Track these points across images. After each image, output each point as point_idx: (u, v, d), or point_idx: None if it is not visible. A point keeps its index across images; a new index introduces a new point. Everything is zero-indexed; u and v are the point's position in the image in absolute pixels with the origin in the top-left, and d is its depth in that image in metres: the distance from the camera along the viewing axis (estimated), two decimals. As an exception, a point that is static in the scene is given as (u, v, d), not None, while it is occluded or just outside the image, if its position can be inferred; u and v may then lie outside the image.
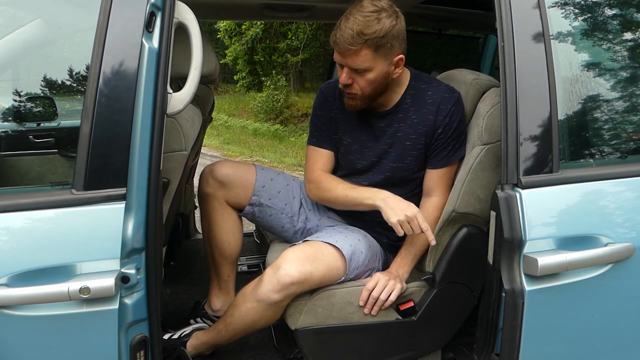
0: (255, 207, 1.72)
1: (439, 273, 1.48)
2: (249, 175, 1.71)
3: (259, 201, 1.71)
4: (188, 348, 1.59)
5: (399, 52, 1.43)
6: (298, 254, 1.43)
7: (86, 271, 1.06)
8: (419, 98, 1.54)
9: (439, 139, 1.52)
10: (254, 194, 1.70)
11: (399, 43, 1.42)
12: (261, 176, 1.72)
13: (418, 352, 1.56)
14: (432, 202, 1.55)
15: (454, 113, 1.50)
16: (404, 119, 1.55)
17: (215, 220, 1.73)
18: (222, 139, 10.88)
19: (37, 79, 1.44)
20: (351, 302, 1.48)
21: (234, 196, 1.71)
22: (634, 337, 1.37)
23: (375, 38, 1.36)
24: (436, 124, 1.51)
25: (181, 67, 1.33)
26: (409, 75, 1.58)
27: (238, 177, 1.70)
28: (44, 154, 1.59)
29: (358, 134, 1.61)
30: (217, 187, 1.70)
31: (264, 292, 1.40)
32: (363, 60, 1.39)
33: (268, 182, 1.73)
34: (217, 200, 1.71)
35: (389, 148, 1.57)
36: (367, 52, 1.38)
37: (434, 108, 1.51)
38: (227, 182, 1.70)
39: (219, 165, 1.73)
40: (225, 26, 13.38)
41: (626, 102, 1.44)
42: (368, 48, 1.37)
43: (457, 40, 3.14)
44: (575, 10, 1.38)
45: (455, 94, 1.53)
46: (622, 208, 1.30)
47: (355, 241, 1.53)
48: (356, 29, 1.35)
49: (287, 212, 1.74)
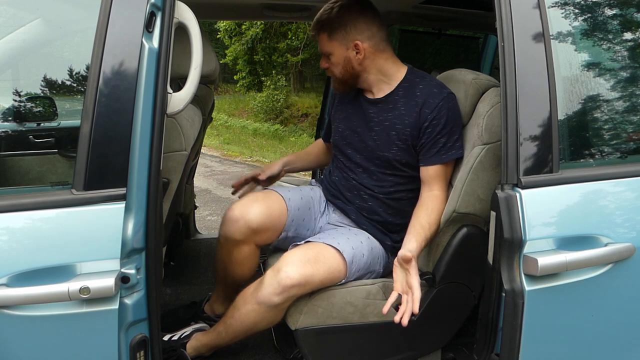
0: (280, 241, 1.68)
1: (439, 273, 1.48)
2: (282, 216, 1.64)
3: (286, 236, 1.67)
4: (188, 349, 1.58)
5: (356, 38, 1.54)
6: (299, 256, 1.43)
7: (86, 271, 1.06)
8: (410, 91, 1.57)
9: (427, 133, 1.52)
10: (283, 231, 1.66)
11: (356, 30, 1.55)
12: (291, 210, 1.66)
13: (418, 352, 1.56)
14: (434, 194, 1.53)
15: (442, 108, 1.50)
16: (392, 109, 1.59)
17: (240, 261, 1.66)
18: (222, 139, 10.87)
19: (37, 79, 1.44)
20: (351, 302, 1.48)
21: (265, 239, 1.65)
22: (634, 337, 1.36)
23: (327, 24, 1.56)
24: (422, 117, 1.52)
25: (181, 67, 1.33)
26: (405, 70, 1.62)
27: (272, 221, 1.63)
28: (44, 154, 1.59)
29: (350, 121, 1.68)
30: (250, 235, 1.60)
31: (265, 295, 1.40)
32: (323, 45, 1.60)
33: (296, 214, 1.67)
34: (247, 245, 1.63)
35: (374, 135, 1.60)
36: (324, 36, 1.58)
37: (421, 101, 1.53)
38: (262, 230, 1.61)
39: (252, 211, 1.60)
40: (225, 26, 13.36)
41: (626, 102, 1.44)
42: (324, 33, 1.58)
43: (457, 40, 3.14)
44: (575, 10, 1.38)
45: (445, 90, 1.54)
46: (622, 208, 1.30)
47: (357, 243, 1.53)
48: (315, 18, 1.60)
49: (305, 236, 1.69)
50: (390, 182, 1.61)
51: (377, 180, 1.62)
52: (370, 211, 1.64)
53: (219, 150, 9.44)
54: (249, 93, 14.31)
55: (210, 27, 14.31)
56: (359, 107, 1.66)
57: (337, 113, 1.75)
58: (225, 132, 11.98)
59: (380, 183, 1.62)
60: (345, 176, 1.69)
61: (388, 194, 1.62)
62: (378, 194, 1.62)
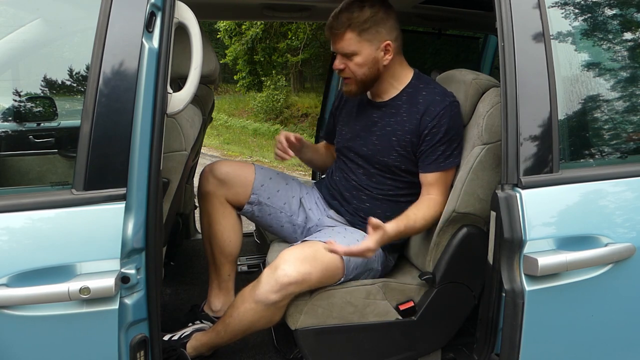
0: (254, 206, 1.74)
1: (439, 273, 1.48)
2: (248, 174, 1.74)
3: (257, 200, 1.73)
4: (188, 349, 1.58)
5: (387, 38, 1.51)
6: (296, 254, 1.43)
7: (86, 271, 1.06)
8: (413, 97, 1.57)
9: (426, 141, 1.52)
10: (252, 193, 1.73)
11: (386, 30, 1.51)
12: (260, 175, 1.75)
13: (418, 352, 1.56)
14: (430, 197, 1.54)
15: (443, 117, 1.50)
16: (395, 114, 1.59)
17: (216, 218, 1.75)
18: (222, 139, 10.87)
19: (37, 79, 1.44)
20: (351, 302, 1.48)
21: (233, 194, 1.73)
22: (634, 337, 1.37)
23: (358, 22, 1.48)
24: (422, 124, 1.52)
25: (181, 67, 1.33)
26: (411, 74, 1.62)
27: (237, 175, 1.73)
28: (44, 154, 1.59)
29: (354, 124, 1.68)
30: (216, 185, 1.72)
31: (262, 293, 1.40)
32: (349, 44, 1.51)
33: (267, 181, 1.75)
34: (217, 198, 1.73)
35: (376, 140, 1.61)
36: (352, 35, 1.49)
37: (423, 108, 1.53)
38: (226, 180, 1.72)
39: (219, 164, 1.76)
40: (225, 26, 13.36)
41: (626, 102, 1.44)
42: (352, 32, 1.49)
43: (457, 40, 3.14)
44: (575, 10, 1.38)
45: (448, 98, 1.53)
46: (622, 208, 1.30)
47: (354, 242, 1.53)
48: (340, 14, 1.50)
49: (285, 210, 1.75)
50: (389, 186, 1.63)
51: (376, 183, 1.63)
52: (367, 212, 1.63)
53: (219, 150, 9.44)
54: (249, 93, 14.31)
55: (210, 27, 14.30)
56: (363, 111, 1.67)
57: (342, 115, 1.76)
58: (225, 132, 11.98)
59: (379, 186, 1.63)
60: (345, 176, 1.70)
61: (387, 195, 1.63)
62: (377, 195, 1.63)
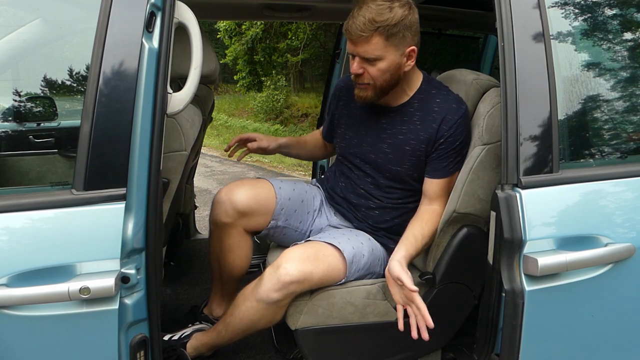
0: (271, 230, 1.67)
1: (439, 273, 1.48)
2: (269, 201, 1.64)
3: (276, 224, 1.66)
4: (188, 349, 1.58)
5: (412, 43, 1.43)
6: (299, 253, 1.43)
7: (86, 271, 1.06)
8: (426, 104, 1.52)
9: (440, 149, 1.49)
10: (272, 219, 1.65)
11: (412, 34, 1.42)
12: (280, 198, 1.65)
13: (418, 352, 1.56)
14: (432, 209, 1.52)
15: (460, 125, 1.47)
16: (407, 122, 1.53)
17: (230, 247, 1.67)
18: (222, 139, 10.87)
19: (37, 79, 1.44)
20: (351, 302, 1.48)
21: (254, 223, 1.65)
22: (634, 337, 1.36)
23: (387, 26, 1.36)
24: (439, 133, 1.48)
25: (181, 67, 1.33)
26: (421, 78, 1.56)
27: (259, 205, 1.63)
28: (44, 154, 1.59)
29: (359, 128, 1.62)
30: (237, 217, 1.62)
31: (264, 291, 1.40)
32: (374, 49, 1.39)
33: (286, 203, 1.66)
34: (235, 229, 1.64)
35: (387, 148, 1.56)
36: (379, 39, 1.38)
37: (440, 117, 1.48)
38: (249, 213, 1.62)
39: (237, 192, 1.62)
40: (225, 26, 13.36)
41: (626, 102, 1.44)
42: (379, 36, 1.37)
43: (457, 40, 3.15)
44: (575, 10, 1.38)
45: (462, 105, 1.50)
46: (622, 208, 1.30)
47: (358, 244, 1.53)
48: (368, 16, 1.36)
49: (300, 229, 1.70)
50: (398, 194, 1.59)
51: (386, 192, 1.60)
52: (375, 220, 1.62)
53: (219, 150, 9.43)
54: (249, 93, 14.31)
55: (210, 27, 14.31)
56: (370, 115, 1.60)
57: (344, 118, 1.68)
58: (225, 132, 11.98)
59: (389, 195, 1.59)
60: (353, 184, 1.65)
61: (397, 203, 1.60)
62: (387, 203, 1.60)
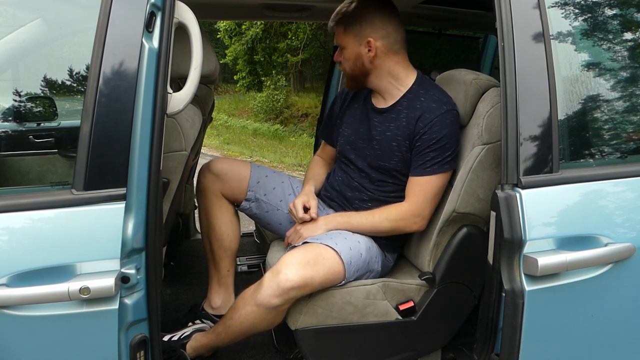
0: (251, 203, 1.80)
1: (439, 273, 1.48)
2: (243, 170, 1.81)
3: (254, 196, 1.79)
4: (187, 350, 1.58)
5: (372, 36, 1.55)
6: (298, 258, 1.42)
7: (86, 271, 1.06)
8: (412, 103, 1.58)
9: (417, 146, 1.54)
10: (249, 189, 1.79)
11: (371, 27, 1.56)
12: (256, 172, 1.82)
13: (418, 352, 1.56)
14: (401, 204, 1.56)
15: (435, 124, 1.50)
16: (395, 119, 1.59)
17: (213, 213, 1.80)
18: (222, 139, 10.87)
19: (37, 79, 1.44)
20: (351, 302, 1.48)
21: (228, 188, 1.79)
22: (634, 337, 1.36)
23: (344, 17, 1.59)
24: (415, 129, 1.53)
25: (181, 67, 1.33)
26: (414, 77, 1.62)
27: (232, 170, 1.80)
28: (44, 154, 1.59)
29: (358, 128, 1.69)
30: (212, 180, 1.78)
31: (264, 297, 1.40)
32: (338, 38, 1.62)
33: (263, 179, 1.81)
34: (212, 192, 1.79)
35: (376, 145, 1.62)
36: (340, 29, 1.61)
37: (418, 114, 1.54)
38: (222, 175, 1.78)
39: (216, 161, 1.83)
40: (225, 26, 13.37)
41: (626, 102, 1.44)
42: (340, 26, 1.60)
43: (457, 40, 3.14)
44: (575, 10, 1.38)
45: (444, 106, 1.53)
46: (622, 208, 1.30)
47: (355, 243, 1.54)
48: (336, 10, 1.62)
49: (282, 208, 1.79)
50: (390, 188, 1.63)
51: (378, 185, 1.64)
52: None
53: (219, 150, 9.44)
54: (249, 93, 14.32)
55: (210, 27, 14.31)
56: (365, 114, 1.68)
57: (346, 117, 1.76)
58: (225, 132, 11.98)
59: (381, 188, 1.64)
60: (348, 177, 1.71)
61: (389, 197, 1.63)
62: (380, 196, 1.64)
